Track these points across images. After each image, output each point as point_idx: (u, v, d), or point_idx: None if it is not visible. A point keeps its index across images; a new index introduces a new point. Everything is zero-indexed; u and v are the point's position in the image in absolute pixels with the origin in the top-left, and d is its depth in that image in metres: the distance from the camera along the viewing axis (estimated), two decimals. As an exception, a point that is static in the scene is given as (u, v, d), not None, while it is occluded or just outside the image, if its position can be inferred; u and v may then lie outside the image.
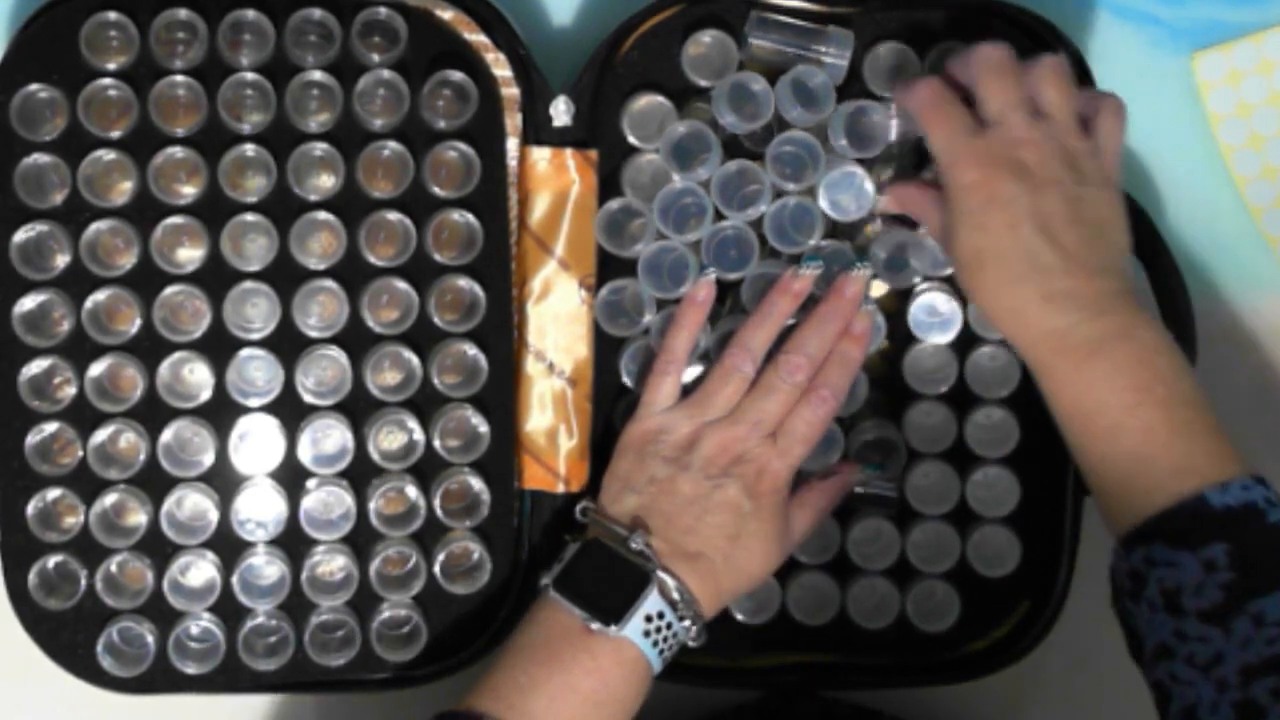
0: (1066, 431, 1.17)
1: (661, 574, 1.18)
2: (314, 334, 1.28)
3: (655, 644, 1.17)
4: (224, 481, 1.28)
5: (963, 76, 1.21)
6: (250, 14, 1.26)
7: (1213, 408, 1.14)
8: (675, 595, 1.18)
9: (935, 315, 1.30)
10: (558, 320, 1.30)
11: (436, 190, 1.28)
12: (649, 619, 1.17)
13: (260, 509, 1.28)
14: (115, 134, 1.26)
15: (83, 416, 1.27)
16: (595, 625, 1.16)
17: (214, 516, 1.28)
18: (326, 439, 1.28)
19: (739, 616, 1.31)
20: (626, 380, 1.29)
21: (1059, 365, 1.16)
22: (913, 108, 1.21)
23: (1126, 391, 1.13)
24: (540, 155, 1.29)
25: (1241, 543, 1.08)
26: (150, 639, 1.28)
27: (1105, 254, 1.16)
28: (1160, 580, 1.09)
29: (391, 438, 1.30)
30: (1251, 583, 1.07)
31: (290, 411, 1.28)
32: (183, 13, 1.26)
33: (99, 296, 1.26)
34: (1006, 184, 1.15)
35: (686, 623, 1.19)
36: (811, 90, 1.27)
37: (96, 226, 1.26)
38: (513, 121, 1.29)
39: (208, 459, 1.28)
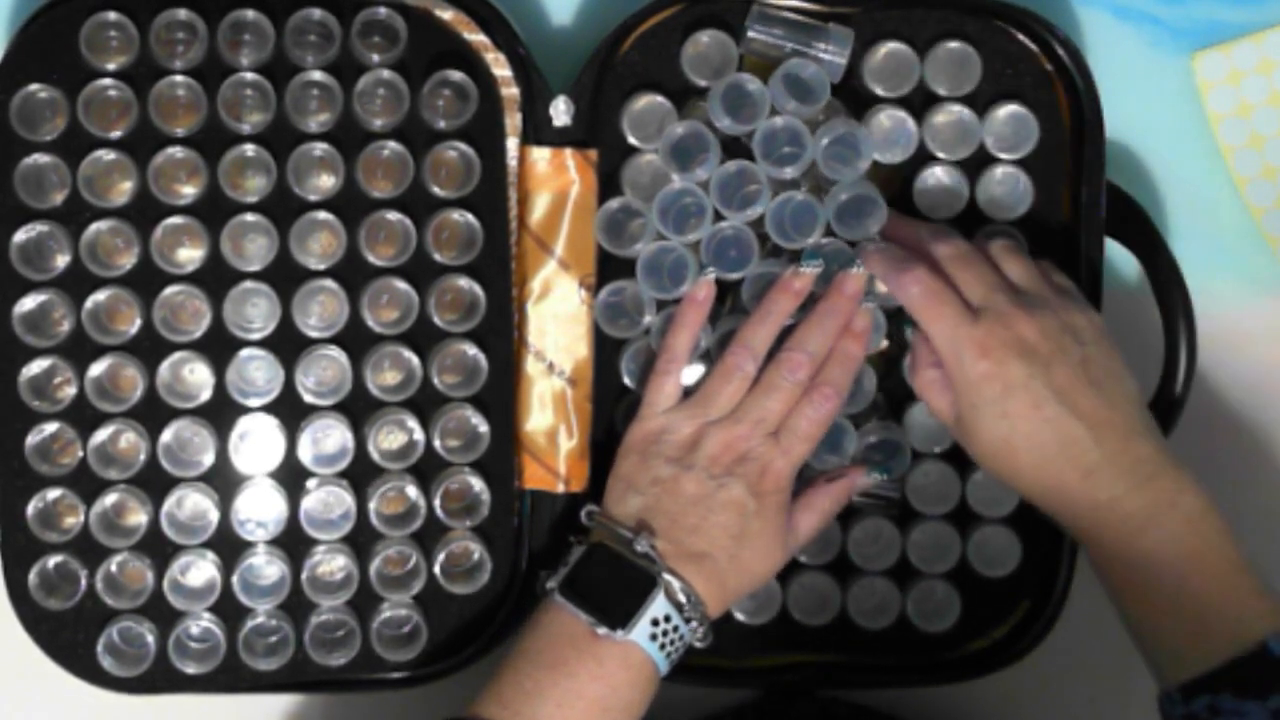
0: (1116, 600, 1.20)
1: (667, 576, 1.18)
2: (314, 334, 1.28)
3: (662, 647, 1.18)
4: (224, 481, 1.28)
5: (905, 237, 1.25)
6: (250, 14, 1.26)
7: (1250, 564, 1.17)
8: (681, 597, 1.18)
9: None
10: (558, 320, 1.30)
11: (436, 190, 1.28)
12: (655, 622, 1.17)
13: (260, 509, 1.28)
14: (115, 134, 1.26)
15: (83, 416, 1.27)
16: (602, 630, 1.16)
17: (214, 516, 1.28)
18: (327, 439, 1.28)
19: (740, 616, 1.32)
20: (627, 381, 1.29)
21: (1107, 540, 1.19)
22: (907, 303, 1.23)
23: (1180, 563, 1.16)
24: (540, 155, 1.29)
25: None
26: (150, 639, 1.28)
27: (1128, 410, 1.19)
28: None
29: (392, 437, 1.30)
30: None
31: (290, 411, 1.28)
32: (182, 13, 1.26)
33: (99, 296, 1.26)
34: (1018, 366, 1.18)
35: (693, 624, 1.19)
36: (805, 82, 1.27)
37: (96, 226, 1.26)
38: (512, 121, 1.29)
39: (208, 459, 1.28)
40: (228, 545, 1.28)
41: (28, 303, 1.25)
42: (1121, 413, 1.19)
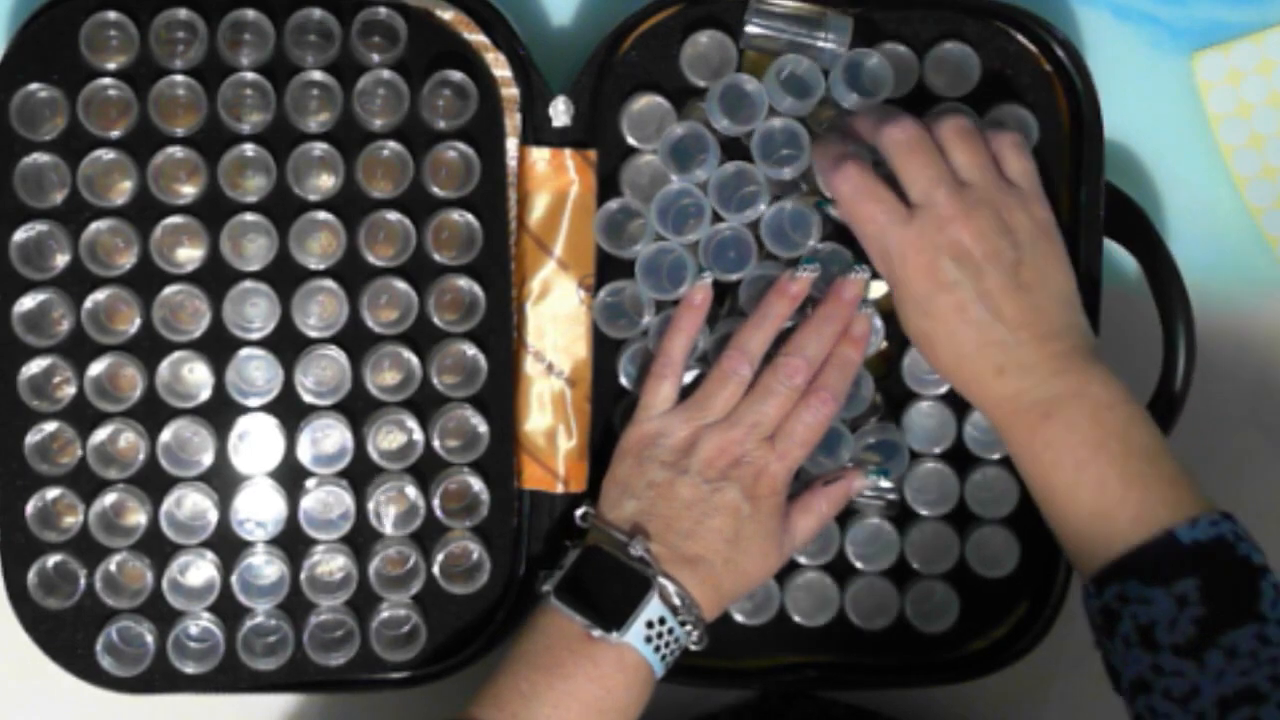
0: (1031, 489, 1.21)
1: (662, 579, 1.18)
2: (313, 334, 1.28)
3: (657, 649, 1.18)
4: (223, 481, 1.28)
5: (865, 134, 1.23)
6: (250, 14, 1.26)
7: (1169, 453, 1.17)
8: (676, 600, 1.18)
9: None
10: (556, 320, 1.30)
11: (436, 190, 1.28)
12: (650, 625, 1.17)
13: (260, 509, 1.28)
14: (115, 134, 1.26)
15: (82, 416, 1.27)
16: (597, 632, 1.17)
17: (213, 516, 1.28)
18: (326, 439, 1.28)
19: (738, 617, 1.32)
20: (625, 382, 1.29)
21: (1015, 428, 1.20)
22: (838, 197, 1.22)
23: (1080, 449, 1.17)
24: (539, 155, 1.29)
25: (1211, 577, 1.11)
26: (149, 638, 1.28)
27: (1051, 310, 1.20)
28: (1134, 616, 1.11)
29: (391, 437, 1.30)
30: (1223, 616, 1.10)
31: (290, 411, 1.28)
32: (183, 12, 1.26)
33: (99, 296, 1.26)
34: (948, 269, 1.18)
35: (688, 627, 1.19)
36: (800, 78, 1.27)
37: (96, 226, 1.26)
38: (512, 121, 1.29)
39: (207, 459, 1.28)
40: (227, 545, 1.28)
41: (27, 302, 1.25)
42: (1044, 313, 1.19)
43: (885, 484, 1.30)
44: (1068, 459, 1.17)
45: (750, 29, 1.28)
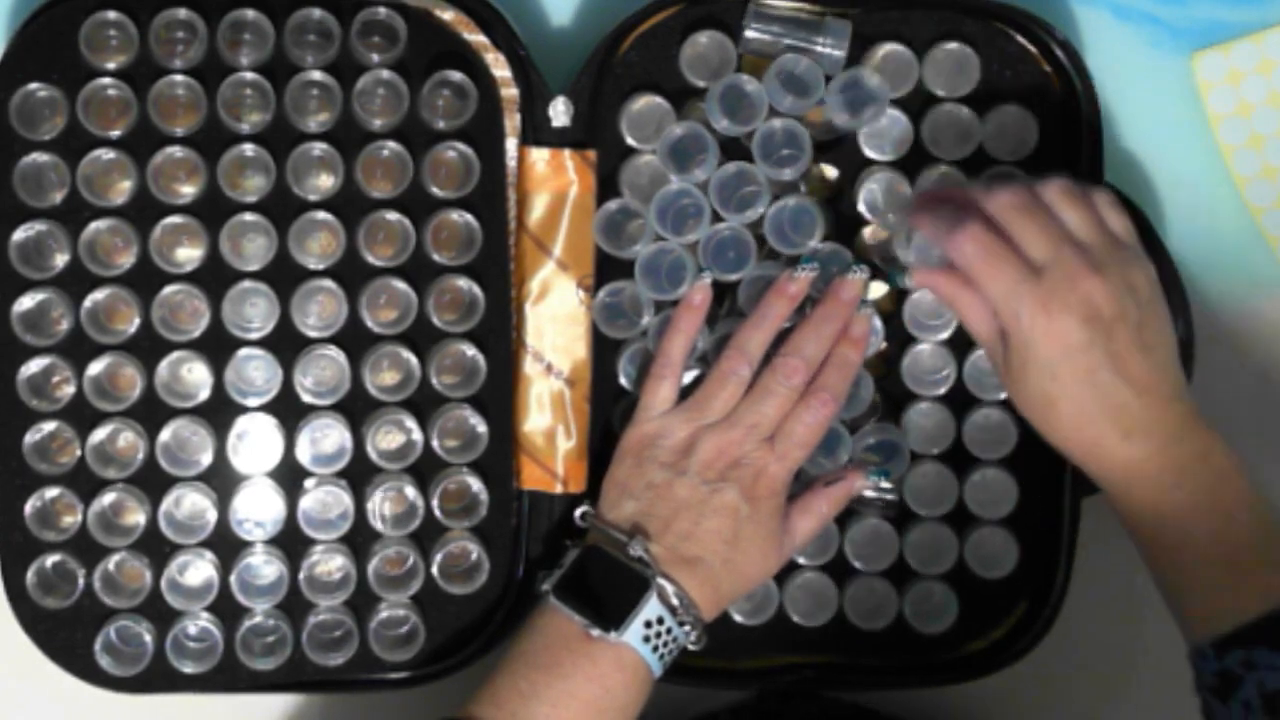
0: (1147, 557, 1.19)
1: (661, 580, 1.18)
2: (313, 334, 1.28)
3: (655, 649, 1.18)
4: (222, 481, 1.28)
5: (972, 201, 1.19)
6: (250, 14, 1.26)
7: None
8: (675, 600, 1.18)
9: (933, 316, 1.30)
10: (556, 321, 1.30)
11: (435, 190, 1.28)
12: (649, 624, 1.17)
13: (259, 508, 1.28)
14: (115, 133, 1.26)
15: (81, 416, 1.27)
16: (596, 631, 1.17)
17: (212, 516, 1.28)
18: (325, 439, 1.28)
19: (737, 617, 1.32)
20: (624, 382, 1.29)
21: (1140, 495, 1.18)
22: (961, 262, 1.17)
23: (1213, 515, 1.16)
24: (539, 156, 1.29)
25: None
26: (148, 638, 1.28)
27: (1172, 372, 1.18)
28: (1260, 683, 1.10)
29: (390, 437, 1.30)
30: None
31: (289, 411, 1.28)
32: (182, 12, 1.26)
33: (98, 296, 1.26)
34: (1080, 331, 1.15)
35: (686, 627, 1.19)
36: (799, 78, 1.27)
37: (95, 226, 1.26)
38: (512, 122, 1.29)
39: (206, 458, 1.28)
40: (226, 545, 1.28)
41: (26, 302, 1.26)
42: (1167, 375, 1.17)
43: (885, 484, 1.30)
44: (1202, 526, 1.16)
45: (749, 33, 1.28)
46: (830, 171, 1.30)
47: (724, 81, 1.27)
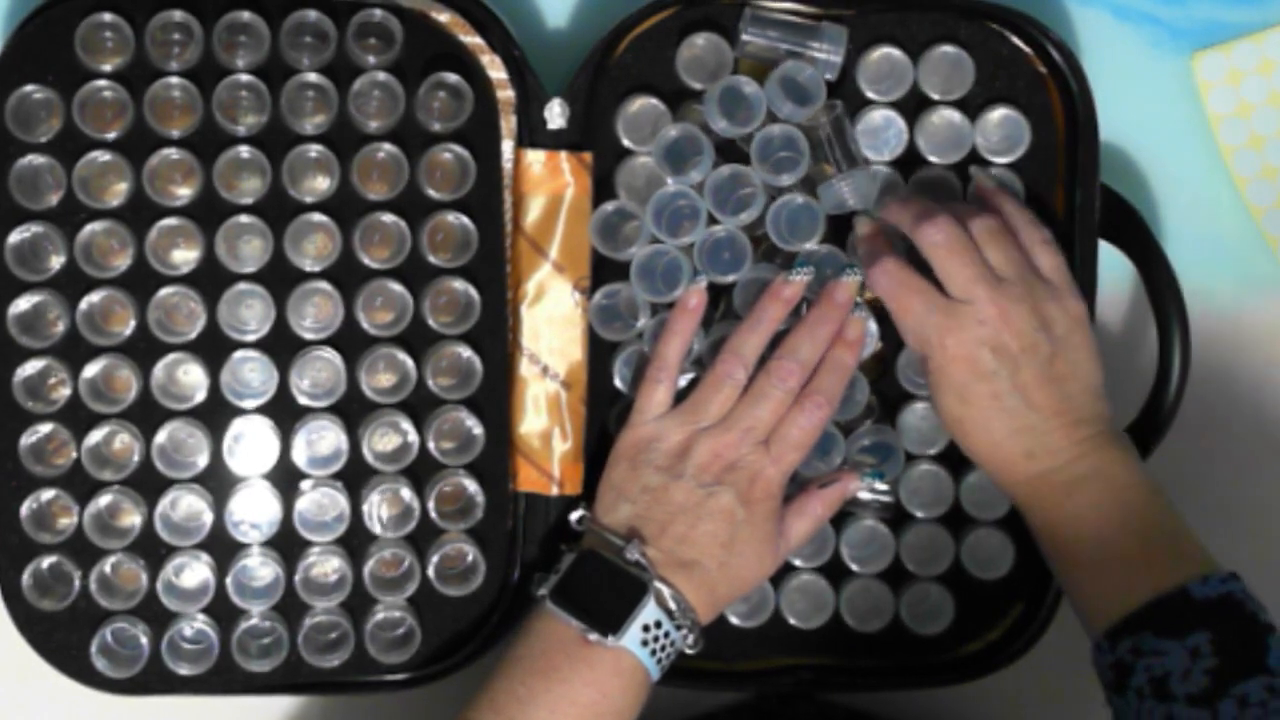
0: (1051, 562, 1.25)
1: (658, 584, 1.18)
2: (309, 336, 1.28)
3: (653, 653, 1.18)
4: (218, 483, 1.28)
5: (903, 227, 1.25)
6: (245, 16, 1.26)
7: (1184, 525, 1.22)
8: (672, 604, 1.19)
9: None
10: (552, 323, 1.30)
11: (431, 192, 1.28)
12: (646, 629, 1.17)
13: (254, 510, 1.28)
14: (110, 135, 1.26)
15: (77, 418, 1.27)
16: (593, 636, 1.17)
17: (208, 518, 1.28)
18: (321, 440, 1.28)
19: (734, 619, 1.32)
20: (620, 385, 1.29)
21: (1040, 506, 1.24)
22: (878, 291, 1.25)
23: (1102, 525, 1.21)
24: (535, 158, 1.29)
25: (1223, 630, 1.14)
26: (144, 640, 1.28)
27: (1082, 399, 1.23)
28: (1149, 669, 1.14)
29: (386, 440, 1.30)
30: (1234, 667, 1.12)
31: (285, 413, 1.28)
32: (178, 14, 1.26)
33: (94, 298, 1.26)
34: (987, 360, 1.22)
35: (683, 631, 1.19)
36: (801, 85, 1.27)
37: (91, 228, 1.26)
38: (508, 124, 1.29)
39: (202, 460, 1.28)
40: (222, 547, 1.29)
41: (22, 304, 1.26)
42: (1074, 402, 1.23)
43: (881, 486, 1.30)
44: (1092, 536, 1.21)
45: (745, 37, 1.28)
46: (830, 171, 1.30)
47: (723, 83, 1.27)
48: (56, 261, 1.26)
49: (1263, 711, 1.11)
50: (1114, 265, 1.35)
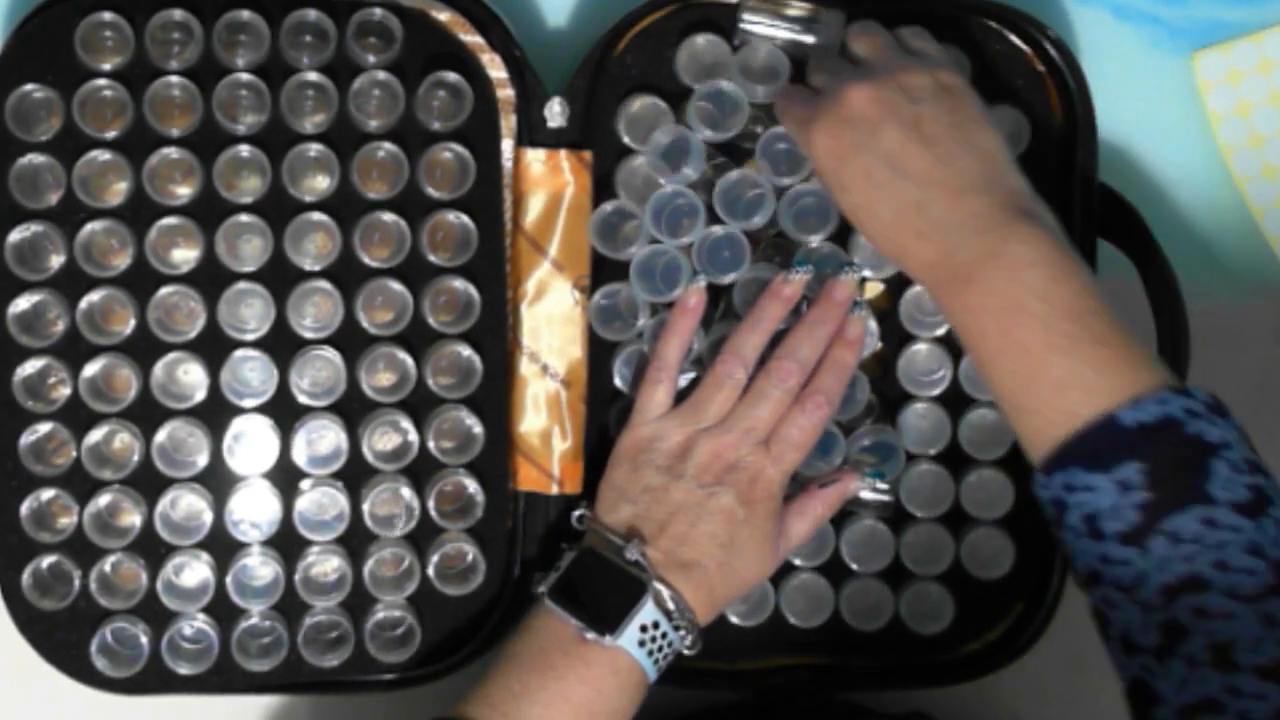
0: (978, 372, 1.18)
1: (656, 584, 1.18)
2: (309, 335, 1.28)
3: (650, 653, 1.18)
4: (218, 482, 1.28)
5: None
6: (245, 15, 1.26)
7: (1109, 314, 1.11)
8: (670, 605, 1.18)
9: (930, 312, 1.30)
10: (552, 322, 1.30)
11: (431, 191, 1.28)
12: (644, 629, 1.17)
13: (254, 510, 1.28)
14: (110, 134, 1.26)
15: (77, 417, 1.27)
16: (590, 634, 1.17)
17: (208, 517, 1.28)
18: (321, 440, 1.28)
19: (733, 619, 1.31)
20: (620, 385, 1.29)
21: (942, 297, 1.16)
22: (780, 119, 1.26)
23: (1001, 314, 1.11)
24: (535, 157, 1.29)
25: (1156, 459, 1.05)
26: (144, 639, 1.28)
27: (965, 164, 1.15)
28: (1080, 505, 1.07)
29: (386, 439, 1.30)
30: (1166, 500, 1.04)
31: (285, 412, 1.28)
32: (178, 13, 1.26)
33: (94, 297, 1.26)
34: (846, 135, 1.17)
35: (681, 632, 1.19)
36: (761, 68, 1.28)
37: (91, 227, 1.26)
38: (507, 123, 1.29)
39: (202, 460, 1.28)
40: (221, 546, 1.28)
41: (22, 303, 1.26)
42: (956, 169, 1.15)
43: (881, 486, 1.30)
44: (990, 326, 1.12)
45: (744, 25, 1.28)
46: None
47: (704, 88, 1.27)
48: (56, 261, 1.26)
49: (1197, 547, 1.03)
50: (1114, 265, 1.35)
